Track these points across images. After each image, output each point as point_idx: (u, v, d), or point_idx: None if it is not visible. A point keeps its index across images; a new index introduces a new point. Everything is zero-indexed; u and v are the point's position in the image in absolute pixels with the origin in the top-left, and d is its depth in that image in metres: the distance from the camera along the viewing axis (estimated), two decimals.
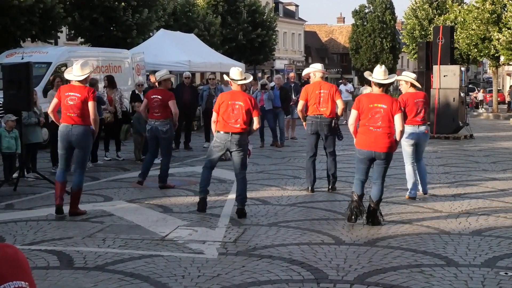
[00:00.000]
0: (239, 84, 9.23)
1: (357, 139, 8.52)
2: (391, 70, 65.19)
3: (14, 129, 12.01)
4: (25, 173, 12.09)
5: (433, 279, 6.11)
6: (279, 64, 65.88)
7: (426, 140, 10.87)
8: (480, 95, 51.70)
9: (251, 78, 9.59)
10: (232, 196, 10.67)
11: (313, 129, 11.10)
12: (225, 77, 9.65)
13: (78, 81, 9.26)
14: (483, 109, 45.20)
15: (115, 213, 9.35)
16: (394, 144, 8.42)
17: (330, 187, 11.31)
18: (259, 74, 57.39)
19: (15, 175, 11.81)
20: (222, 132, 9.05)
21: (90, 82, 15.54)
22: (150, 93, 11.87)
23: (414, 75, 10.63)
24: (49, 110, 9.61)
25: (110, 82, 16.00)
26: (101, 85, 17.11)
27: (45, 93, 16.22)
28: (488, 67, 47.28)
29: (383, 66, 8.81)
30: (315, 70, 11.39)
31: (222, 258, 6.89)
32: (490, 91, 50.88)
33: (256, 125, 9.14)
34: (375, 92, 8.61)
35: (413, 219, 8.86)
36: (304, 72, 11.85)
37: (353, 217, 8.46)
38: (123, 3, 28.75)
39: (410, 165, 10.66)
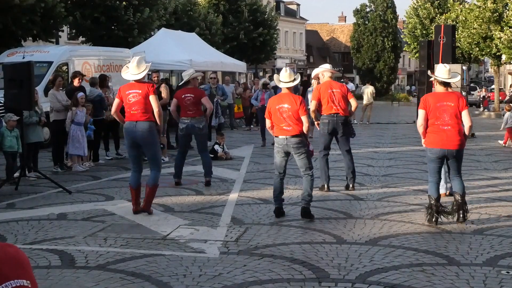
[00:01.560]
0: (287, 87, 9.06)
1: (427, 139, 8.47)
2: (393, 69, 65.30)
3: (15, 128, 12.01)
4: (27, 172, 12.09)
5: (435, 278, 6.11)
6: (280, 63, 65.85)
7: None
8: (482, 94, 51.70)
9: (298, 79, 9.33)
10: (234, 195, 10.68)
11: (330, 128, 11.10)
12: (275, 79, 9.45)
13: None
14: (484, 109, 45.16)
15: (116, 212, 9.35)
16: (464, 141, 8.45)
17: (351, 185, 11.23)
18: (261, 73, 57.40)
19: (16, 174, 11.82)
20: (279, 136, 8.94)
21: (91, 81, 15.64)
22: (180, 93, 11.78)
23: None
24: (112, 111, 9.41)
25: (103, 81, 15.93)
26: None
27: (46, 92, 16.21)
28: (490, 66, 47.22)
29: (447, 65, 8.73)
30: (323, 70, 11.40)
31: (224, 257, 6.89)
32: (492, 90, 50.90)
33: (305, 124, 8.86)
34: (439, 91, 8.52)
35: (415, 218, 8.86)
36: (314, 73, 11.81)
37: (433, 219, 8.44)
38: (124, 2, 28.73)
39: None
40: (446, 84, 8.52)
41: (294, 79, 9.07)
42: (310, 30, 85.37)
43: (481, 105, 46.74)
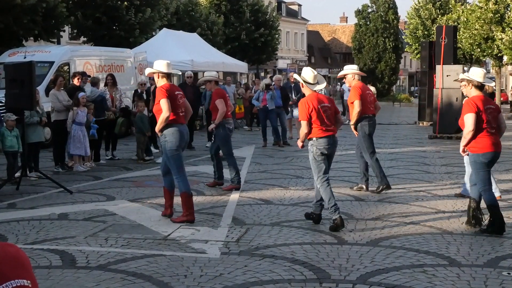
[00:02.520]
0: (314, 90, 8.44)
1: (479, 144, 7.96)
2: (394, 70, 65.25)
3: (15, 128, 12.02)
4: (28, 172, 12.09)
5: (436, 279, 6.10)
6: (281, 64, 65.92)
7: None
8: None
9: (324, 84, 8.62)
10: (235, 195, 10.68)
11: (373, 129, 11.19)
12: (296, 77, 8.86)
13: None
14: None
15: (117, 212, 9.35)
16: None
17: (370, 187, 11.13)
18: (262, 74, 57.41)
19: (17, 174, 11.82)
20: (323, 137, 8.34)
21: (92, 81, 15.65)
22: (223, 93, 11.58)
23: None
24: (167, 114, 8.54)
25: (114, 81, 16.07)
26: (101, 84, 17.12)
27: (47, 92, 16.23)
28: (491, 67, 47.16)
29: (483, 69, 8.41)
30: (355, 72, 11.17)
31: (225, 257, 6.88)
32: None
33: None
34: (474, 94, 8.05)
35: (416, 219, 8.85)
36: (343, 73, 11.31)
37: (473, 221, 8.30)
38: (126, 3, 28.77)
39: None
40: (482, 88, 8.21)
41: (318, 82, 8.50)
42: (312, 31, 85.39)
43: None
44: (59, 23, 25.44)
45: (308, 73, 8.51)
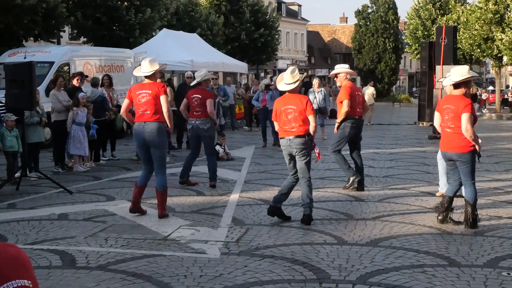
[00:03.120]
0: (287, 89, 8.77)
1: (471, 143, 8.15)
2: (394, 70, 65.27)
3: (14, 128, 12.02)
4: (28, 172, 12.09)
5: (436, 279, 6.11)
6: (281, 64, 65.85)
7: None
8: (483, 95, 51.69)
9: (299, 81, 8.74)
10: (235, 196, 10.68)
11: (356, 132, 11.08)
12: (277, 81, 9.15)
13: (147, 77, 9.11)
14: (486, 109, 45.18)
15: (117, 212, 9.35)
16: (466, 144, 8.19)
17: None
18: (262, 74, 57.40)
19: (17, 174, 11.83)
20: (284, 138, 8.74)
21: (92, 81, 15.66)
22: (190, 93, 11.78)
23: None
24: (122, 111, 9.43)
25: (111, 81, 16.06)
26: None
27: (47, 92, 16.24)
28: (491, 67, 47.16)
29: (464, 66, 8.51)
30: (347, 71, 11.20)
31: (225, 258, 6.89)
32: (493, 92, 50.87)
33: (311, 124, 8.59)
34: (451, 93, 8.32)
35: (416, 219, 8.85)
36: (333, 73, 11.31)
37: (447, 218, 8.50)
38: (126, 3, 28.76)
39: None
40: (458, 87, 8.30)
41: (296, 81, 8.68)
42: (312, 31, 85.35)
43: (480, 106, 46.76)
44: (59, 23, 25.43)
45: (285, 74, 8.83)
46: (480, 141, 8.27)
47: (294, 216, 9.03)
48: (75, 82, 14.67)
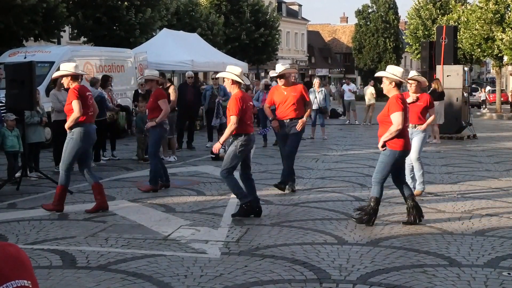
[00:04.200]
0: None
1: (400, 142, 8.36)
2: None
3: (15, 128, 12.02)
4: (28, 172, 12.09)
5: (436, 279, 6.10)
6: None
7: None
8: (482, 95, 51.71)
9: (227, 74, 9.06)
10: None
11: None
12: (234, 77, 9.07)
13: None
14: (486, 109, 45.17)
15: (117, 212, 9.35)
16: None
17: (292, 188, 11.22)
18: (262, 74, 57.41)
19: (18, 174, 11.82)
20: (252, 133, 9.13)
21: (91, 81, 15.66)
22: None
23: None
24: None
25: (105, 82, 16.00)
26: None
27: (47, 92, 16.23)
28: (492, 67, 47.16)
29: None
30: (293, 71, 11.38)
31: (225, 257, 6.89)
32: (493, 91, 50.85)
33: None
34: (398, 93, 8.55)
35: None
36: (281, 71, 11.17)
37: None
38: (126, 3, 28.77)
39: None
40: (400, 86, 8.65)
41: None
42: (312, 31, 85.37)
43: (481, 106, 46.88)
44: (60, 23, 25.45)
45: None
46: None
47: (295, 216, 9.03)
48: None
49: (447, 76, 22.02)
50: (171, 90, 15.67)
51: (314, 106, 20.80)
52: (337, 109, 35.60)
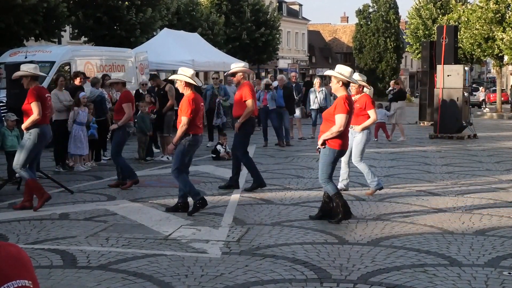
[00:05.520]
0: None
1: (339, 141, 8.56)
2: (395, 70, 65.23)
3: (15, 127, 12.02)
4: None
5: (437, 279, 6.10)
6: (282, 64, 65.88)
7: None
8: (482, 95, 51.66)
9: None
10: (236, 195, 10.68)
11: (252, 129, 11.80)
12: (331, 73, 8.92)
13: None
14: (486, 109, 45.15)
15: (118, 212, 9.35)
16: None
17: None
18: (263, 74, 57.40)
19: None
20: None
21: (92, 81, 15.67)
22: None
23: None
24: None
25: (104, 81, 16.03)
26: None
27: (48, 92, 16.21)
28: (492, 67, 47.10)
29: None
30: (244, 70, 11.74)
31: (225, 257, 6.89)
32: (494, 91, 50.81)
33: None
34: (346, 93, 8.76)
35: (417, 218, 8.85)
36: (239, 69, 11.60)
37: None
38: (126, 2, 28.78)
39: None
40: (348, 86, 8.85)
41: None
42: (312, 31, 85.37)
43: (481, 106, 46.86)
44: (60, 23, 25.46)
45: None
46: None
47: (295, 216, 9.03)
48: (77, 81, 14.66)
49: (448, 75, 22.01)
50: (168, 88, 15.67)
51: (315, 106, 20.81)
52: None
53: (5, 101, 13.15)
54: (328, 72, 8.92)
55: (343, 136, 8.55)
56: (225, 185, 11.35)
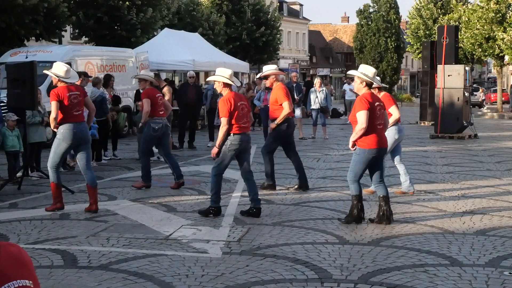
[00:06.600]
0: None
1: (368, 140, 8.36)
2: (396, 70, 65.26)
3: (16, 127, 12.03)
4: (29, 172, 12.09)
5: (437, 279, 6.10)
6: (283, 64, 65.81)
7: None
8: (481, 95, 51.65)
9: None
10: (236, 195, 10.68)
11: (289, 132, 11.49)
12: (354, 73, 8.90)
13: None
14: (486, 109, 45.14)
15: (119, 212, 9.36)
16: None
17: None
18: None
19: (19, 174, 11.83)
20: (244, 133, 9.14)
21: (93, 81, 15.66)
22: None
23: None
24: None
25: (107, 81, 16.01)
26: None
27: (49, 92, 16.22)
28: (493, 67, 47.09)
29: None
30: (276, 72, 11.54)
31: (226, 257, 6.89)
32: (495, 91, 50.80)
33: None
34: (368, 91, 8.58)
35: (417, 218, 8.85)
36: (262, 74, 11.72)
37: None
38: (127, 2, 28.76)
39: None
40: (371, 86, 8.63)
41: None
42: (313, 31, 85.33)
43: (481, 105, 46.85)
44: (61, 23, 25.45)
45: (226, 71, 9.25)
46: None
47: (296, 216, 9.03)
48: (79, 81, 14.63)
49: (448, 75, 22.00)
50: (165, 90, 15.67)
51: (315, 106, 20.82)
52: (338, 108, 35.60)
53: (5, 101, 13.13)
54: (352, 72, 8.75)
55: (370, 133, 8.28)
56: (298, 187, 11.25)
